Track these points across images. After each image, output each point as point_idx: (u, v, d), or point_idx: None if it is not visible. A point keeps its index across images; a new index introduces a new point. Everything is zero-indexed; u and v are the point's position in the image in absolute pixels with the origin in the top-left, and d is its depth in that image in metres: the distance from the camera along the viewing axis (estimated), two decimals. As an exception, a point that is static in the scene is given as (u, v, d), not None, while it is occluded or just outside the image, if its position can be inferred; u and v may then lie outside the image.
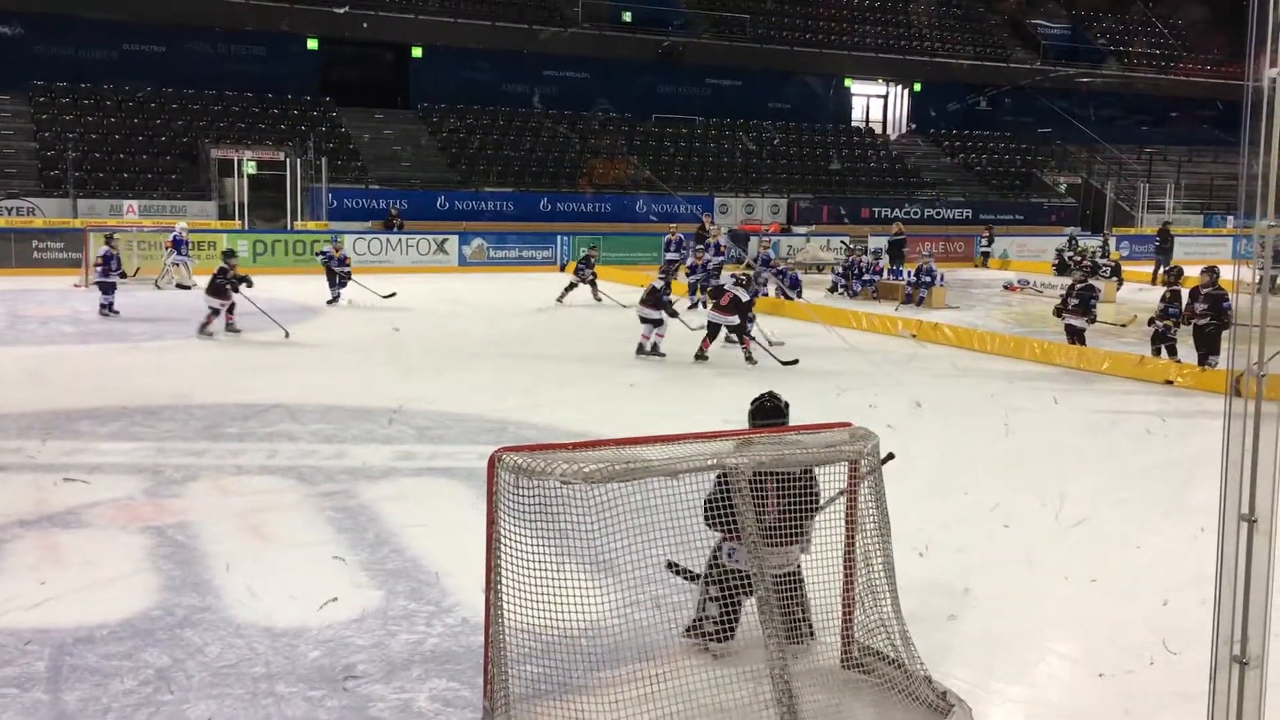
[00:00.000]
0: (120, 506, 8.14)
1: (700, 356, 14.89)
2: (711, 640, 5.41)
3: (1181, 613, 6.11)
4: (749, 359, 14.78)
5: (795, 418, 6.05)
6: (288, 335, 16.28)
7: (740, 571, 5.20)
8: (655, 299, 15.10)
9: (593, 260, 22.32)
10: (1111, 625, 6.31)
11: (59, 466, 9.11)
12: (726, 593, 5.27)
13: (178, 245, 23.05)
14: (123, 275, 19.15)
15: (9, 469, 9.04)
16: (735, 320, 14.91)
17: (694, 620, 5.62)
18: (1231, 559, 2.40)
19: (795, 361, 14.56)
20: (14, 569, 6.86)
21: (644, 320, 15.22)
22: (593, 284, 21.90)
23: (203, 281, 23.20)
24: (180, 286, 22.41)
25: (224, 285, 16.26)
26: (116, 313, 18.10)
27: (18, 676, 5.33)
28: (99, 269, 18.51)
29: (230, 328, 16.34)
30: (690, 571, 5.61)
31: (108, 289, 18.39)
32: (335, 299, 20.81)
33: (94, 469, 9.06)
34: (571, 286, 21.80)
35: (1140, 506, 8.71)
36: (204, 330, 16.18)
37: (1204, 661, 2.61)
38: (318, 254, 21.92)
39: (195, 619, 6.11)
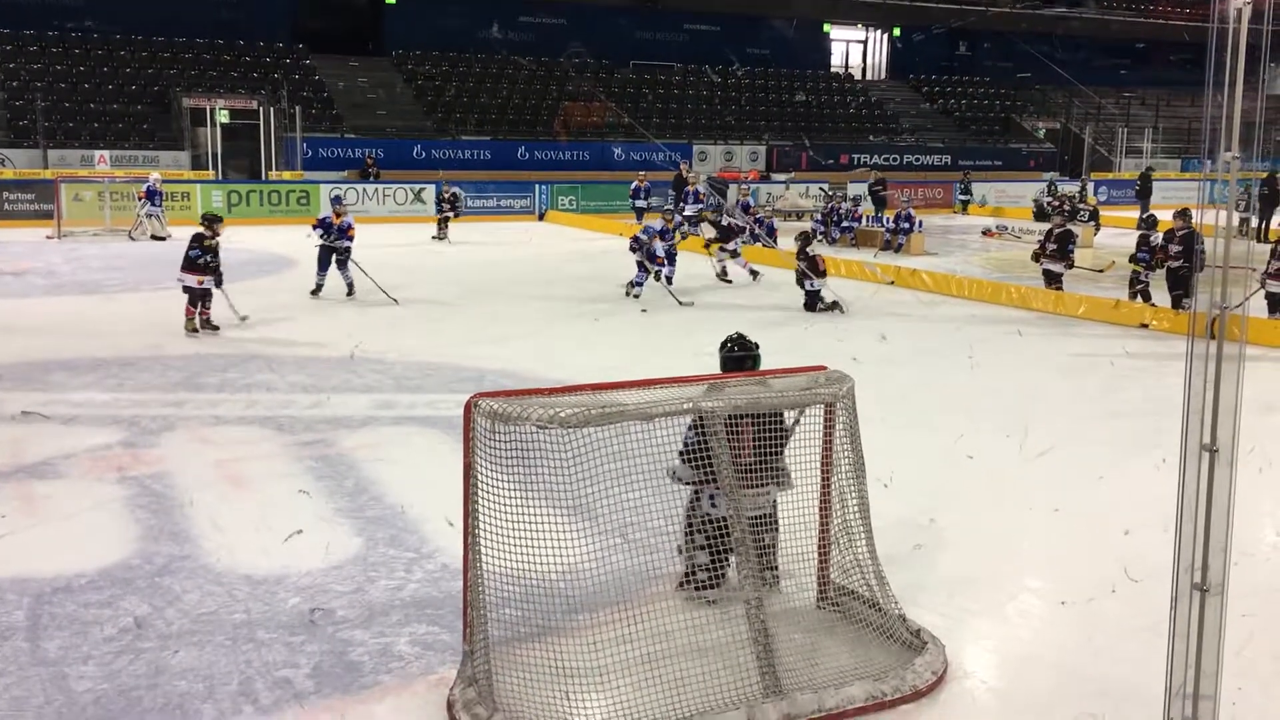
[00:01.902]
0: (97, 457, 8.11)
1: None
2: (707, 589, 5.42)
3: (1144, 542, 6.19)
4: (754, 274, 17.65)
5: (765, 359, 6.08)
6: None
7: (725, 518, 5.23)
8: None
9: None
10: (1075, 555, 6.44)
11: (32, 418, 9.06)
12: (712, 541, 5.29)
13: (151, 196, 22.69)
14: None
15: (-17, 421, 8.99)
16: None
17: (685, 574, 5.63)
18: (1193, 488, 2.44)
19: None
20: (-9, 520, 6.84)
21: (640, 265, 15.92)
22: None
23: (179, 233, 23.03)
24: (155, 238, 22.17)
25: (200, 259, 12.71)
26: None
27: (-3, 626, 5.35)
28: None
29: (207, 324, 12.79)
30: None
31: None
32: (319, 288, 15.64)
33: (70, 420, 9.01)
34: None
35: (1106, 442, 8.79)
36: (190, 325, 12.74)
37: (1166, 590, 2.66)
38: (316, 224, 15.84)
39: (174, 567, 6.12)
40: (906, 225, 22.59)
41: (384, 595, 5.82)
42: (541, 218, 28.71)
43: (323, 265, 15.50)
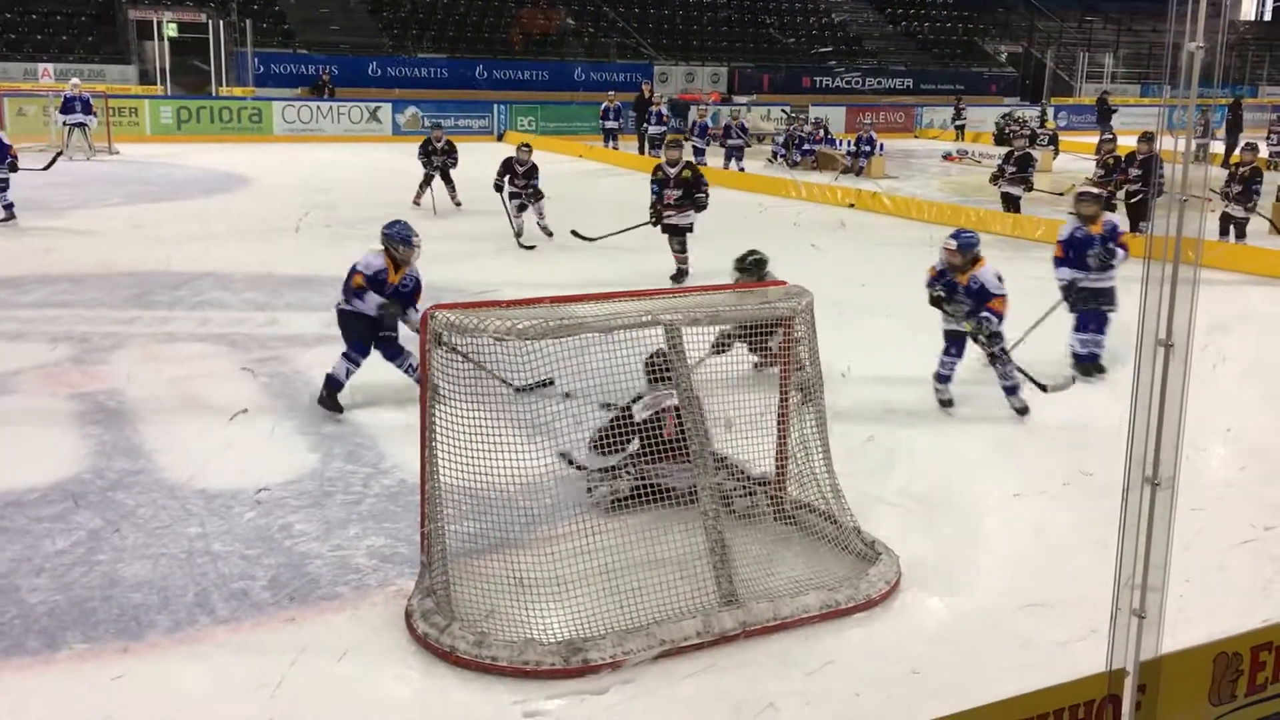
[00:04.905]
0: (46, 373, 7.97)
1: None
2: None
3: (1098, 436, 6.29)
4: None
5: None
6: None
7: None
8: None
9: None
10: (1028, 452, 6.52)
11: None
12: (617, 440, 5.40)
13: (68, 107, 21.06)
14: (13, 168, 14.06)
15: (-72, 337, 8.80)
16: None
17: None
18: (1146, 383, 2.46)
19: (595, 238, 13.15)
20: (-63, 436, 6.73)
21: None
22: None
23: (127, 151, 22.45)
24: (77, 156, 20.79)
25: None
26: (14, 218, 14.03)
27: (-55, 539, 5.27)
28: None
29: None
30: (580, 463, 5.66)
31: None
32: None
33: (17, 337, 8.84)
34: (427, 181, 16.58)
35: (1064, 349, 8.80)
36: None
37: (1117, 483, 2.69)
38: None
39: (127, 482, 6.06)
40: (868, 149, 22.52)
41: (341, 510, 5.80)
42: (500, 138, 28.31)
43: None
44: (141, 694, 4.15)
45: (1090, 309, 8.31)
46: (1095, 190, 8.74)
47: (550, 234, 13.78)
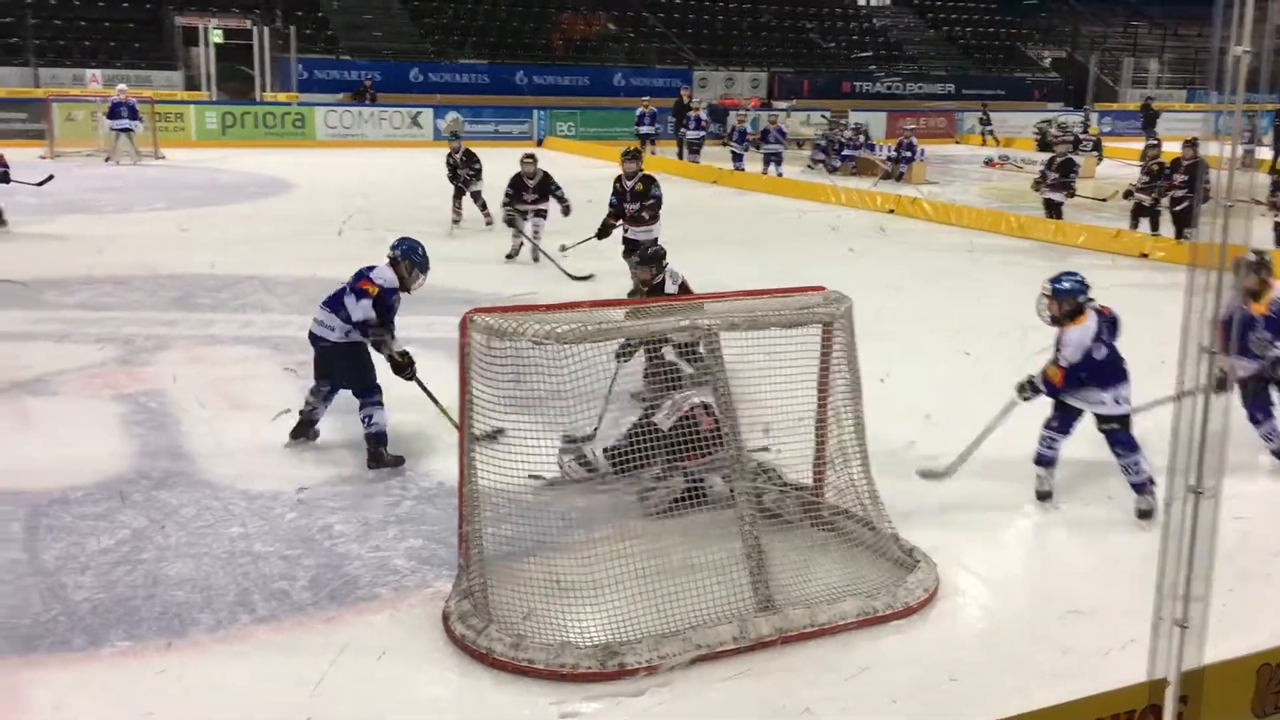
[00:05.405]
0: (91, 374, 8.10)
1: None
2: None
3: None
4: None
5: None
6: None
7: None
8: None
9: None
10: (1070, 459, 6.28)
11: (25, 335, 9.04)
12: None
13: (115, 112, 21.37)
14: (3, 179, 13.83)
15: (-23, 338, 8.96)
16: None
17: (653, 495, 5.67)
18: (1189, 410, 2.44)
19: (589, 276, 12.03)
20: (-14, 435, 6.85)
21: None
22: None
23: (172, 156, 22.76)
24: (124, 161, 21.26)
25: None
26: (4, 223, 13.91)
27: (-6, 536, 5.37)
28: None
29: None
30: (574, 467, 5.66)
31: None
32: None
33: (63, 338, 8.98)
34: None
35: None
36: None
37: (1160, 493, 2.66)
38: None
39: (171, 482, 6.13)
40: (908, 154, 22.40)
41: (380, 511, 5.84)
42: (540, 143, 28.41)
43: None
44: (183, 690, 4.20)
45: (1262, 398, 6.63)
46: (1254, 257, 6.55)
47: (536, 258, 12.58)
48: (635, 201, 11.25)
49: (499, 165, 12.48)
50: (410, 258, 6.58)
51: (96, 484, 6.05)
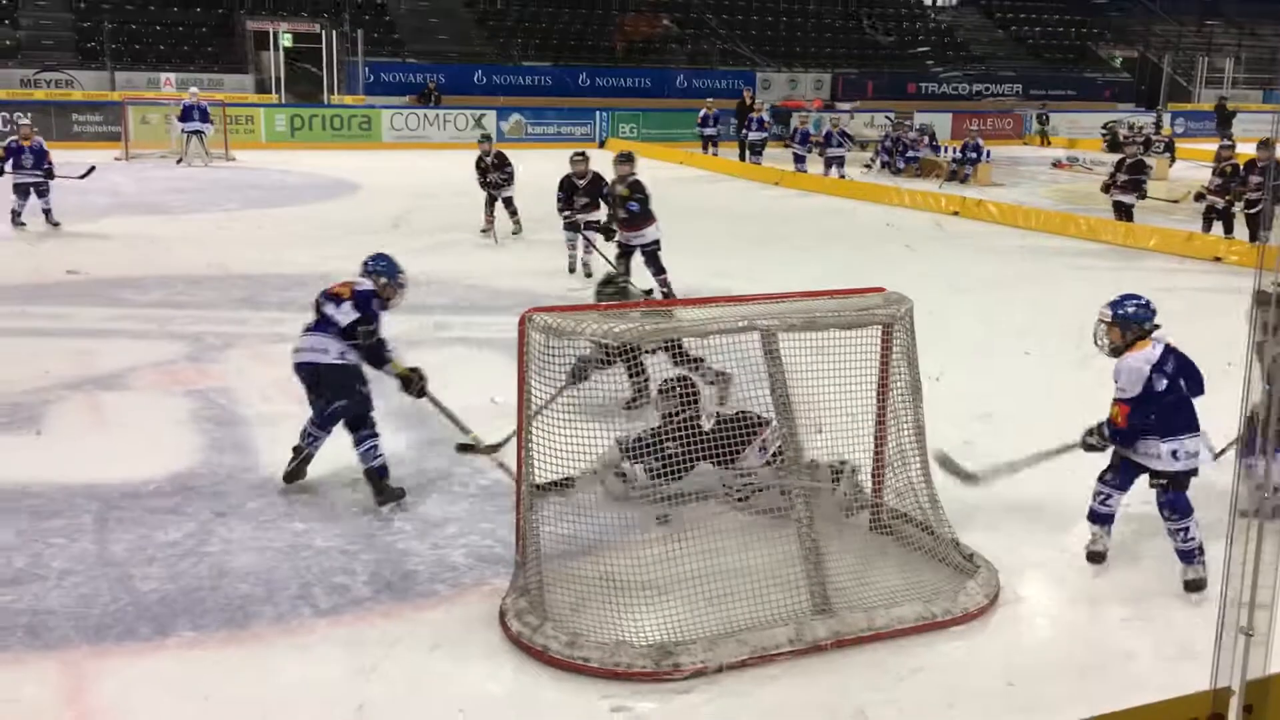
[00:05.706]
0: (162, 370, 8.28)
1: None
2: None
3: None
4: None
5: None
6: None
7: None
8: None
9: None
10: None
11: (100, 332, 9.28)
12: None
13: (187, 115, 21.97)
14: (49, 174, 14.19)
15: (52, 334, 9.21)
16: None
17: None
18: (1258, 392, 2.38)
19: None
20: (59, 429, 7.04)
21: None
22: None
23: (243, 158, 23.19)
24: (196, 162, 21.78)
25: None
26: (23, 224, 14.07)
27: (66, 528, 5.51)
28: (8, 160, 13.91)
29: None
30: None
31: (26, 190, 13.90)
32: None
33: (137, 335, 9.20)
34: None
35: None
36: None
37: (1227, 494, 2.61)
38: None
39: (238, 477, 6.26)
40: (974, 155, 22.13)
41: (438, 508, 5.90)
42: (602, 145, 28.51)
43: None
44: (244, 679, 4.29)
45: None
46: None
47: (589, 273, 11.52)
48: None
49: (563, 166, 12.41)
50: (380, 272, 6.25)
51: (166, 477, 6.19)
